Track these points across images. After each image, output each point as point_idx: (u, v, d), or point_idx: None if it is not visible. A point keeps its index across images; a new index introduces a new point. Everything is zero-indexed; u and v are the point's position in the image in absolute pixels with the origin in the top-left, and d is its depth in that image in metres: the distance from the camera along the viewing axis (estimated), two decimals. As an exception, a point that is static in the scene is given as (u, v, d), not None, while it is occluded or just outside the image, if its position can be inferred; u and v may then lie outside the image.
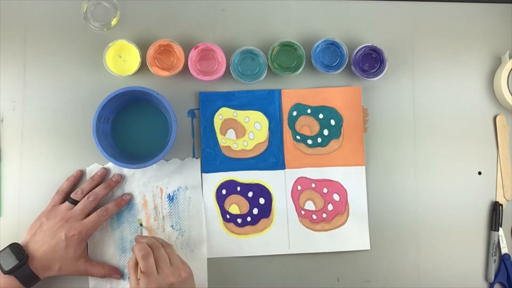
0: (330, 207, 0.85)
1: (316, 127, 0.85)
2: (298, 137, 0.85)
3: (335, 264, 0.85)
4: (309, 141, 0.85)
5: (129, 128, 0.83)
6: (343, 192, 0.85)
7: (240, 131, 0.85)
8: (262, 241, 0.84)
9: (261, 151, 0.85)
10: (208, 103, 0.84)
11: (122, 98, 0.78)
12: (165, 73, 0.81)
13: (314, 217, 0.84)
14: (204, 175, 0.84)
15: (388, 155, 0.86)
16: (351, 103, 0.86)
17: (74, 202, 0.79)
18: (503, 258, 0.86)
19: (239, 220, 0.84)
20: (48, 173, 0.82)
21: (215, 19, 0.86)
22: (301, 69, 0.83)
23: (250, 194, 0.84)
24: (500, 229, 0.86)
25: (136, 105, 0.83)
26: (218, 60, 0.83)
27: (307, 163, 0.85)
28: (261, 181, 0.85)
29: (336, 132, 0.85)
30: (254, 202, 0.84)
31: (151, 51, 0.81)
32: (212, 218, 0.84)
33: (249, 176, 0.84)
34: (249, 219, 0.84)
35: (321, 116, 0.85)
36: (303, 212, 0.85)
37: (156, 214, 0.83)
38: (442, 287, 0.85)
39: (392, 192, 0.86)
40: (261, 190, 0.84)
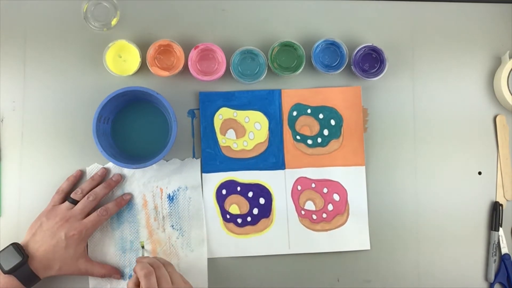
0: (330, 207, 0.85)
1: (316, 127, 0.85)
2: (298, 137, 0.85)
3: (335, 264, 0.85)
4: (309, 141, 0.85)
5: (129, 128, 0.83)
6: (343, 192, 0.85)
7: (240, 131, 0.85)
8: (262, 241, 0.84)
9: (261, 151, 0.85)
10: (208, 103, 0.84)
11: (122, 98, 0.79)
12: (165, 73, 0.81)
13: (314, 217, 0.84)
14: (204, 175, 0.84)
15: (388, 155, 0.86)
16: (351, 103, 0.86)
17: (74, 202, 0.79)
18: (503, 258, 0.86)
19: (239, 220, 0.84)
20: (48, 173, 0.82)
21: (215, 19, 0.86)
22: (301, 69, 0.83)
23: (250, 194, 0.84)
24: (500, 229, 0.86)
25: (136, 105, 0.83)
26: (218, 60, 0.83)
27: (307, 163, 0.85)
28: (261, 181, 0.85)
29: (336, 132, 0.85)
30: (254, 202, 0.84)
31: (151, 51, 0.81)
32: (212, 218, 0.84)
33: (249, 176, 0.84)
34: (249, 219, 0.84)
35: (321, 116, 0.85)
36: (303, 212, 0.85)
37: (156, 214, 0.83)
38: (442, 287, 0.85)
39: (392, 192, 0.86)
40: (261, 190, 0.84)
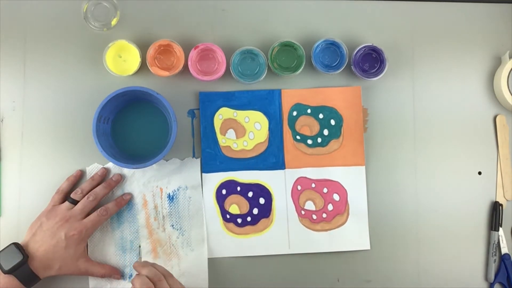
0: (330, 207, 0.85)
1: (316, 127, 0.85)
2: (298, 137, 0.85)
3: (335, 264, 0.85)
4: (309, 141, 0.85)
5: (129, 128, 0.83)
6: (343, 192, 0.85)
7: (240, 131, 0.85)
8: (262, 241, 0.84)
9: (261, 151, 0.85)
10: (208, 103, 0.84)
11: (122, 98, 0.79)
12: (165, 73, 0.81)
13: (314, 217, 0.84)
14: (204, 175, 0.84)
15: (388, 155, 0.86)
16: (351, 103, 0.86)
17: (74, 202, 0.79)
18: (503, 258, 0.86)
19: (239, 220, 0.84)
20: (48, 173, 0.82)
21: (215, 19, 0.86)
22: (301, 69, 0.83)
23: (250, 194, 0.84)
24: (500, 229, 0.86)
25: (136, 105, 0.83)
26: (218, 60, 0.83)
27: (307, 163, 0.85)
28: (261, 181, 0.85)
29: (336, 132, 0.85)
30: (254, 202, 0.84)
31: (151, 51, 0.81)
32: (212, 218, 0.84)
33: (249, 176, 0.84)
34: (249, 219, 0.84)
35: (321, 116, 0.85)
36: (303, 212, 0.84)
37: (156, 213, 0.83)
38: (442, 287, 0.85)
39: (392, 192, 0.86)
40: (261, 190, 0.84)
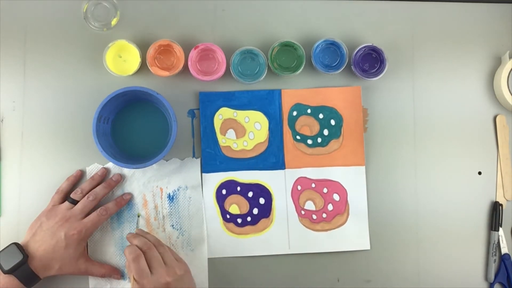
0: (330, 207, 0.85)
1: (316, 127, 0.85)
2: (298, 137, 0.85)
3: (335, 264, 0.85)
4: (309, 141, 0.85)
5: (129, 128, 0.83)
6: (343, 192, 0.85)
7: (240, 131, 0.85)
8: (262, 241, 0.84)
9: (261, 151, 0.85)
10: (208, 103, 0.84)
11: (122, 98, 0.79)
12: (165, 73, 0.81)
13: (314, 217, 0.84)
14: (204, 175, 0.84)
15: (388, 155, 0.86)
16: (351, 103, 0.86)
17: (74, 202, 0.79)
18: (503, 258, 0.86)
19: (239, 220, 0.84)
20: (48, 173, 0.82)
21: (215, 19, 0.86)
22: (301, 69, 0.83)
23: (250, 194, 0.84)
24: (500, 229, 0.86)
25: (136, 105, 0.83)
26: (218, 60, 0.83)
27: (307, 163, 0.85)
28: (261, 181, 0.85)
29: (336, 132, 0.85)
30: (254, 202, 0.84)
31: (151, 51, 0.81)
32: (212, 218, 0.84)
33: (249, 176, 0.84)
34: (249, 219, 0.84)
35: (321, 116, 0.85)
36: (303, 212, 0.84)
37: (156, 213, 0.83)
38: (442, 287, 0.85)
39: (392, 192, 0.86)
40: (261, 190, 0.84)
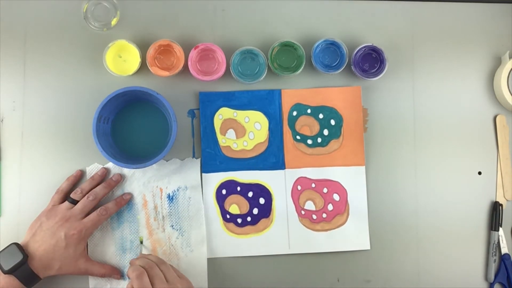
0: (330, 207, 0.85)
1: (316, 127, 0.85)
2: (298, 137, 0.85)
3: (335, 264, 0.85)
4: (309, 141, 0.85)
5: (129, 128, 0.83)
6: (343, 192, 0.85)
7: (240, 131, 0.85)
8: (262, 241, 0.84)
9: (261, 151, 0.85)
10: (208, 103, 0.84)
11: (122, 98, 0.79)
12: (165, 73, 0.81)
13: (314, 217, 0.84)
14: (204, 175, 0.84)
15: (388, 155, 0.86)
16: (351, 103, 0.86)
17: (73, 202, 0.79)
18: (503, 258, 0.86)
19: (239, 220, 0.84)
20: (48, 173, 0.82)
21: (215, 19, 0.86)
22: (301, 69, 0.83)
23: (250, 194, 0.84)
24: (500, 229, 0.86)
25: (136, 105, 0.83)
26: (218, 60, 0.83)
27: (307, 163, 0.85)
28: (261, 181, 0.85)
29: (336, 132, 0.85)
30: (254, 202, 0.84)
31: (151, 51, 0.81)
32: (212, 218, 0.84)
33: (249, 176, 0.84)
34: (249, 219, 0.84)
35: (321, 116, 0.85)
36: (303, 212, 0.84)
37: (156, 214, 0.83)
38: (442, 287, 0.85)
39: (392, 192, 0.86)
40: (261, 190, 0.84)
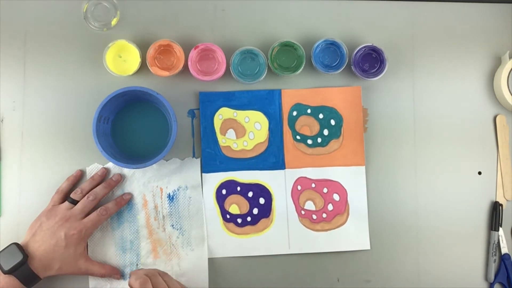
0: (330, 207, 0.85)
1: (316, 127, 0.85)
2: (298, 137, 0.85)
3: (335, 264, 0.85)
4: (309, 141, 0.85)
5: (129, 128, 0.83)
6: (343, 192, 0.85)
7: (240, 131, 0.85)
8: (262, 241, 0.84)
9: (261, 151, 0.85)
10: (208, 103, 0.84)
11: (122, 98, 0.79)
12: (165, 73, 0.81)
13: (314, 217, 0.84)
14: (204, 175, 0.84)
15: (388, 155, 0.86)
16: (351, 103, 0.86)
17: (73, 202, 0.79)
18: (503, 258, 0.86)
19: (239, 220, 0.84)
20: (48, 173, 0.82)
21: (215, 19, 0.86)
22: (301, 69, 0.83)
23: (250, 194, 0.84)
24: (500, 229, 0.86)
25: (136, 105, 0.83)
26: (218, 60, 0.83)
27: (307, 163, 0.85)
28: (261, 181, 0.85)
29: (336, 132, 0.85)
30: (254, 202, 0.84)
31: (151, 51, 0.81)
32: (212, 218, 0.84)
33: (249, 176, 0.84)
34: (249, 219, 0.84)
35: (321, 116, 0.85)
36: (303, 212, 0.84)
37: (156, 213, 0.83)
38: (442, 287, 0.85)
39: (392, 192, 0.86)
40: (261, 190, 0.84)
